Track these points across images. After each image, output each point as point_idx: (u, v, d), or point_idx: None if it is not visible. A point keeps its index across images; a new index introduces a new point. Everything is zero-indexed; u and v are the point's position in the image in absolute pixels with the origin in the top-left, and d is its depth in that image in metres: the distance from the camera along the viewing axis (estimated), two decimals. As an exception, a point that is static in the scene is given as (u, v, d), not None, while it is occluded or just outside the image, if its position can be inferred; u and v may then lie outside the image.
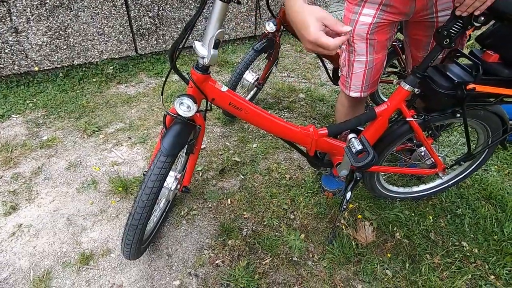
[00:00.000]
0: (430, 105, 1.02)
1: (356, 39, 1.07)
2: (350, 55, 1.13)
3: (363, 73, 1.13)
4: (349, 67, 1.16)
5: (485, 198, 1.48)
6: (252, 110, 0.97)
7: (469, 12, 0.76)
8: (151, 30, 2.59)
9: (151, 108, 2.10)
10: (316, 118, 2.06)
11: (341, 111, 1.35)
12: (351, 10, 1.04)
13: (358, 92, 1.18)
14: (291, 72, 2.75)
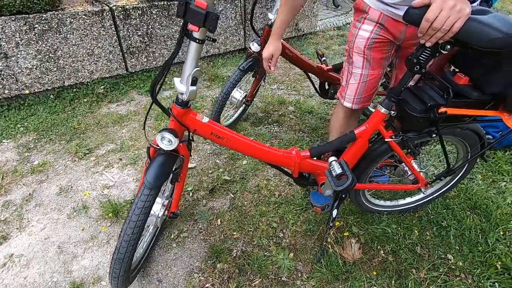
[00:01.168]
0: (406, 126, 1.05)
1: (354, 51, 1.16)
2: (349, 66, 1.22)
3: (356, 85, 1.20)
4: (346, 77, 1.24)
5: (470, 208, 1.50)
6: (234, 138, 1.00)
7: (433, 42, 0.80)
8: (141, 48, 2.63)
9: (142, 127, 2.12)
10: (305, 131, 2.10)
11: (334, 121, 1.40)
12: (354, 25, 1.15)
13: (350, 103, 1.24)
14: (280, 84, 2.78)
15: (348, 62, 1.22)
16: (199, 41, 0.78)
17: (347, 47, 1.22)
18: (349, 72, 1.22)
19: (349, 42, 1.19)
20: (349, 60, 1.20)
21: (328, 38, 4.11)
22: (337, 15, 5.32)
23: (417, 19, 0.78)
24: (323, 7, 5.69)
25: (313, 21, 3.96)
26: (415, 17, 0.78)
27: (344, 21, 4.81)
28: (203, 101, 2.46)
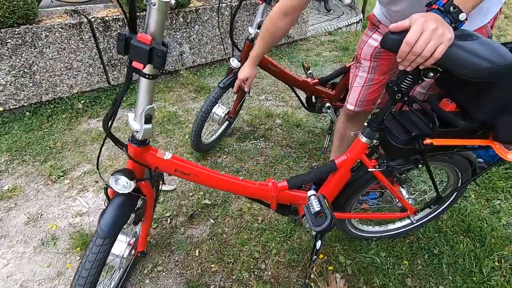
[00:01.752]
0: (390, 156, 0.97)
1: (362, 58, 1.19)
2: (356, 70, 1.25)
3: (360, 88, 1.22)
4: (352, 79, 1.27)
5: (463, 231, 1.43)
6: (201, 173, 0.91)
7: (413, 67, 0.71)
8: (123, 60, 2.53)
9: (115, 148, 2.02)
10: (292, 147, 2.01)
11: (339, 124, 1.42)
12: (365, 33, 1.18)
13: (353, 106, 1.26)
14: (268, 94, 2.70)
15: (356, 66, 1.24)
16: (149, 76, 0.69)
17: (356, 51, 1.23)
18: (355, 75, 1.24)
19: (357, 48, 1.22)
20: (357, 64, 1.23)
21: (319, 44, 4.04)
22: (329, 19, 5.26)
23: (394, 45, 0.70)
24: (314, 11, 5.63)
25: (304, 28, 3.89)
26: (393, 43, 0.70)
27: (335, 26, 4.75)
28: (188, 115, 2.37)
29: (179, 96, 2.64)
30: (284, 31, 1.18)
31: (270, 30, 1.19)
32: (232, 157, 1.92)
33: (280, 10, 1.12)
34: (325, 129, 2.19)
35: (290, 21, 1.14)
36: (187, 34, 2.79)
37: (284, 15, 1.12)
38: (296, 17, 1.15)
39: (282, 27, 1.16)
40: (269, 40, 1.22)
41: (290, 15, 1.12)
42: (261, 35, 1.23)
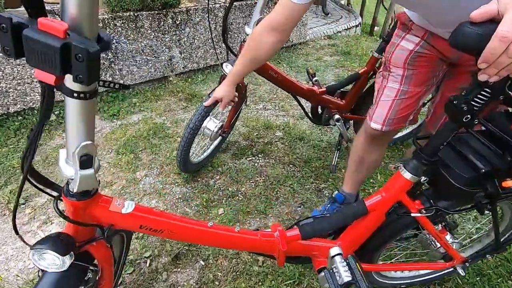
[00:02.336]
0: (443, 195, 0.71)
1: (392, 64, 0.97)
2: (383, 80, 1.02)
3: (390, 103, 0.99)
4: (378, 92, 1.04)
5: (510, 273, 1.17)
6: (180, 227, 0.64)
7: (502, 76, 0.46)
8: (105, 65, 2.26)
9: (98, 164, 1.74)
10: (295, 164, 1.75)
11: (357, 144, 1.18)
12: (396, 34, 0.97)
13: (379, 124, 1.03)
14: (267, 103, 2.45)
15: (383, 76, 1.02)
16: (80, 95, 0.43)
17: (383, 58, 1.02)
18: (382, 86, 1.02)
19: (386, 53, 0.99)
20: (384, 72, 1.02)
21: (319, 48, 3.82)
22: (327, 23, 5.06)
23: (475, 42, 0.45)
24: (312, 15, 5.44)
25: (303, 31, 3.66)
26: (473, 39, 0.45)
27: (335, 30, 4.55)
28: (177, 127, 2.10)
29: (168, 106, 2.37)
30: (268, 50, 0.93)
31: (252, 45, 0.95)
32: (226, 178, 1.65)
33: (267, 24, 0.89)
34: (332, 143, 1.93)
35: (278, 39, 0.90)
36: (177, 37, 2.53)
37: (271, 29, 0.89)
38: (285, 38, 0.91)
39: (267, 44, 0.91)
40: (250, 57, 0.97)
41: (278, 32, 0.89)
42: (242, 51, 1.00)
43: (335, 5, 6.60)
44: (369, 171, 1.23)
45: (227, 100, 1.15)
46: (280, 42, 0.92)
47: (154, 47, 2.44)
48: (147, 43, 2.39)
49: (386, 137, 1.10)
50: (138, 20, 2.27)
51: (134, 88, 2.52)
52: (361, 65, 3.29)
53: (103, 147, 1.89)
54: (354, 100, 1.62)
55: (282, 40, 0.92)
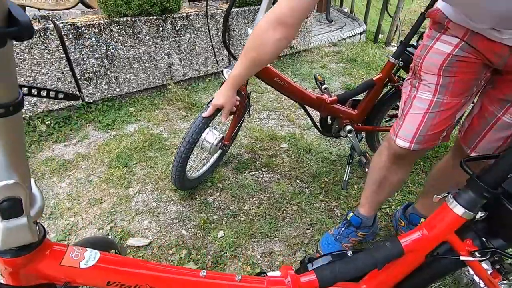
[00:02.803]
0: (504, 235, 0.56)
1: (424, 71, 0.82)
2: (412, 89, 0.87)
3: (421, 117, 0.84)
4: (405, 104, 0.89)
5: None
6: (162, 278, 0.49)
7: None
8: (100, 73, 2.15)
9: (88, 179, 1.61)
10: (303, 180, 1.60)
11: (376, 164, 1.04)
12: (428, 35, 0.83)
13: (407, 142, 0.88)
14: (271, 112, 2.31)
15: (411, 84, 0.88)
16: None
17: (414, 62, 0.87)
18: (410, 97, 0.87)
19: (415, 57, 0.85)
20: (413, 80, 0.87)
21: (324, 55, 3.70)
22: (331, 30, 4.97)
23: None
24: (316, 22, 5.36)
25: (307, 38, 3.56)
26: None
27: (339, 37, 4.44)
28: (175, 138, 1.97)
29: (166, 115, 2.24)
30: (273, 49, 0.80)
31: (254, 43, 0.82)
32: (227, 195, 1.50)
33: (271, 17, 0.77)
34: (342, 156, 1.78)
35: (283, 35, 0.77)
36: (177, 43, 2.42)
37: (276, 24, 0.76)
38: (292, 34, 0.78)
39: (271, 42, 0.79)
40: (252, 57, 0.84)
41: (284, 27, 0.76)
42: (243, 50, 0.87)
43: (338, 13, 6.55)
44: (390, 192, 1.08)
45: (228, 107, 1.03)
46: (286, 39, 0.79)
47: (153, 54, 2.33)
48: (145, 49, 2.28)
49: (413, 156, 0.95)
50: (136, 26, 2.16)
51: (131, 97, 2.40)
52: (369, 73, 3.17)
53: (95, 160, 1.75)
54: (368, 110, 1.48)
55: (288, 37, 0.79)
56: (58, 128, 2.01)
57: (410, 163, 1.03)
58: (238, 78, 0.93)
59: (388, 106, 1.48)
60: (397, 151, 0.92)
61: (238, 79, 0.94)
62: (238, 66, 0.91)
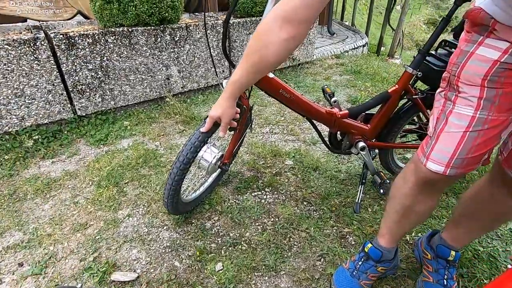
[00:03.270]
0: None
1: (463, 81, 0.68)
2: (446, 103, 0.74)
3: (460, 136, 0.70)
4: (438, 121, 0.75)
5: None
6: None
7: None
8: (94, 85, 2.03)
9: (74, 200, 1.46)
10: (311, 202, 1.44)
11: (399, 191, 0.88)
12: (469, 39, 0.68)
13: (442, 166, 0.73)
14: (274, 126, 2.18)
15: (446, 97, 0.74)
16: None
17: (447, 70, 0.73)
18: (444, 112, 0.74)
19: (451, 65, 0.71)
20: (449, 93, 0.73)
21: (327, 67, 3.62)
22: (333, 42, 4.92)
23: None
24: (318, 35, 5.33)
25: (310, 49, 3.48)
26: None
27: (342, 49, 4.38)
28: (172, 154, 1.83)
29: (163, 129, 2.11)
30: (278, 51, 0.68)
31: (256, 44, 0.71)
32: (227, 219, 1.34)
33: (278, 13, 0.66)
34: (352, 174, 1.64)
35: (291, 35, 0.66)
36: (175, 54, 2.32)
37: (283, 21, 0.65)
38: (301, 35, 0.67)
39: (277, 42, 0.67)
40: (254, 60, 0.73)
41: (292, 25, 0.65)
42: (244, 53, 0.75)
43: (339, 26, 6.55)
44: (416, 223, 0.93)
45: (227, 119, 0.90)
46: (294, 40, 0.67)
47: (150, 65, 2.23)
48: (142, 60, 2.18)
49: (447, 182, 0.81)
50: (133, 36, 2.07)
51: (127, 110, 2.29)
52: (374, 85, 3.06)
53: (83, 179, 1.61)
54: (382, 125, 1.34)
55: (296, 37, 0.67)
56: (47, 144, 1.88)
57: (441, 190, 0.89)
58: (237, 85, 0.81)
59: (405, 120, 1.35)
60: (428, 176, 0.78)
61: (238, 86, 0.82)
62: (238, 71, 0.79)
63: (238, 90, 0.83)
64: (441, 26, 1.09)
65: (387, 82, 3.12)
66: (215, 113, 0.90)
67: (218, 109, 0.88)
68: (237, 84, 0.81)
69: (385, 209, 0.97)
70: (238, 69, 0.78)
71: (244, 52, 0.75)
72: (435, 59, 1.18)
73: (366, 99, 2.65)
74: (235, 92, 0.84)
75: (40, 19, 2.85)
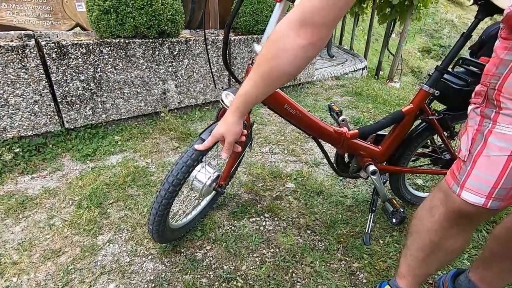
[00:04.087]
0: None
1: (506, 95, 0.58)
2: (483, 121, 0.63)
3: (504, 161, 0.58)
4: (474, 142, 0.64)
5: None
6: None
7: None
8: (84, 97, 1.92)
9: (49, 222, 1.30)
10: (315, 231, 1.30)
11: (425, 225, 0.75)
12: (509, 47, 0.57)
13: (482, 197, 0.62)
14: (274, 145, 2.06)
15: (483, 114, 0.63)
16: None
17: (482, 83, 0.63)
18: (482, 133, 0.63)
19: (487, 76, 0.61)
20: (486, 109, 0.63)
21: (328, 88, 3.57)
22: (333, 64, 4.94)
23: None
24: (317, 56, 5.37)
25: (310, 70, 3.44)
26: None
27: (341, 71, 4.38)
28: (163, 172, 1.69)
29: (156, 145, 1.98)
30: (294, 59, 0.59)
31: (269, 51, 0.60)
32: (221, 249, 1.18)
33: (295, 16, 0.56)
34: (359, 200, 1.50)
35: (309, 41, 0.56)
36: (173, 68, 2.24)
37: (300, 25, 0.56)
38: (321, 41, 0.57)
39: (293, 49, 0.57)
40: (265, 70, 0.62)
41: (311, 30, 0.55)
42: (254, 65, 0.64)
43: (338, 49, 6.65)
44: (444, 263, 0.80)
45: (231, 138, 0.77)
46: (313, 47, 0.57)
47: (146, 79, 2.13)
48: (138, 73, 2.09)
49: (485, 216, 0.68)
50: (129, 48, 1.99)
51: (119, 124, 2.16)
52: (376, 106, 2.99)
53: (63, 198, 1.45)
54: (394, 147, 1.23)
55: (316, 43, 0.57)
56: (28, 158, 1.73)
57: (477, 225, 0.76)
58: (246, 98, 0.69)
59: (419, 143, 1.24)
60: (463, 208, 0.65)
61: (246, 100, 0.69)
62: (246, 84, 0.67)
63: (246, 104, 0.71)
64: (461, 42, 1.01)
65: (389, 104, 3.06)
66: (217, 130, 0.77)
67: (221, 126, 0.76)
68: (245, 97, 0.69)
69: (406, 246, 0.84)
70: (247, 81, 0.67)
71: (254, 64, 0.64)
72: (453, 77, 1.09)
73: (369, 121, 2.57)
74: (243, 107, 0.72)
75: (37, 30, 2.79)
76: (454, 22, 13.05)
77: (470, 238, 0.81)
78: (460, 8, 14.47)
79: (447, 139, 1.22)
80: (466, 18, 13.52)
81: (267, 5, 2.64)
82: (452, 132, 1.21)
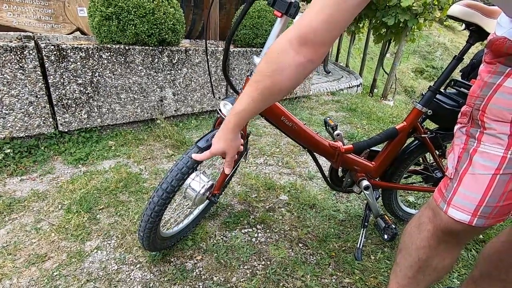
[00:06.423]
0: None
1: (490, 117, 0.60)
2: (469, 140, 0.65)
3: (488, 180, 0.60)
4: (460, 160, 0.66)
5: None
6: None
7: None
8: (81, 100, 1.91)
9: (36, 226, 1.27)
10: (307, 244, 1.29)
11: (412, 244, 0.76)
12: (493, 70, 0.60)
13: (467, 214, 0.63)
14: (268, 157, 2.07)
15: (468, 134, 0.66)
16: None
17: (467, 103, 0.65)
18: (467, 151, 0.64)
19: (472, 98, 0.64)
20: (471, 129, 0.65)
21: (323, 103, 3.63)
22: (329, 80, 5.04)
23: None
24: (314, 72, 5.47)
25: (307, 84, 3.50)
26: None
27: (337, 87, 4.46)
28: (156, 179, 1.68)
29: (150, 152, 1.97)
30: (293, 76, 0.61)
31: (268, 67, 0.62)
32: (211, 260, 1.17)
33: (294, 34, 0.58)
34: (352, 215, 1.51)
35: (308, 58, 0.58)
36: (172, 76, 2.26)
37: (301, 43, 0.57)
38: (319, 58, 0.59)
39: (292, 66, 0.59)
40: (264, 86, 0.63)
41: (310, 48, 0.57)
42: (251, 79, 0.66)
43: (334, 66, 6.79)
44: (433, 280, 0.80)
45: (232, 153, 0.79)
46: (312, 63, 0.59)
47: (144, 86, 2.14)
48: (136, 80, 2.09)
49: (472, 234, 0.69)
50: (129, 54, 2.00)
51: (114, 129, 2.15)
52: (370, 123, 3.04)
53: (52, 201, 1.42)
54: (387, 163, 1.25)
55: (314, 60, 0.59)
56: (19, 159, 1.70)
57: (464, 243, 0.76)
58: (244, 114, 0.70)
59: (411, 160, 1.26)
60: (450, 225, 0.66)
61: (243, 116, 0.71)
62: (244, 99, 0.68)
63: (243, 120, 0.72)
64: (453, 64, 1.05)
65: (383, 121, 3.12)
66: (218, 148, 0.78)
67: (220, 144, 0.77)
68: (242, 114, 0.70)
69: (395, 262, 0.84)
70: (244, 96, 0.68)
71: (251, 78, 0.66)
72: (445, 98, 1.13)
73: (363, 137, 2.60)
74: (241, 123, 0.73)
75: (37, 32, 2.79)
76: (446, 45, 13.51)
77: (458, 256, 0.81)
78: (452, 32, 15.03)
79: (439, 157, 1.24)
80: (458, 42, 14.03)
81: (267, 19, 2.70)
82: (443, 151, 1.24)
